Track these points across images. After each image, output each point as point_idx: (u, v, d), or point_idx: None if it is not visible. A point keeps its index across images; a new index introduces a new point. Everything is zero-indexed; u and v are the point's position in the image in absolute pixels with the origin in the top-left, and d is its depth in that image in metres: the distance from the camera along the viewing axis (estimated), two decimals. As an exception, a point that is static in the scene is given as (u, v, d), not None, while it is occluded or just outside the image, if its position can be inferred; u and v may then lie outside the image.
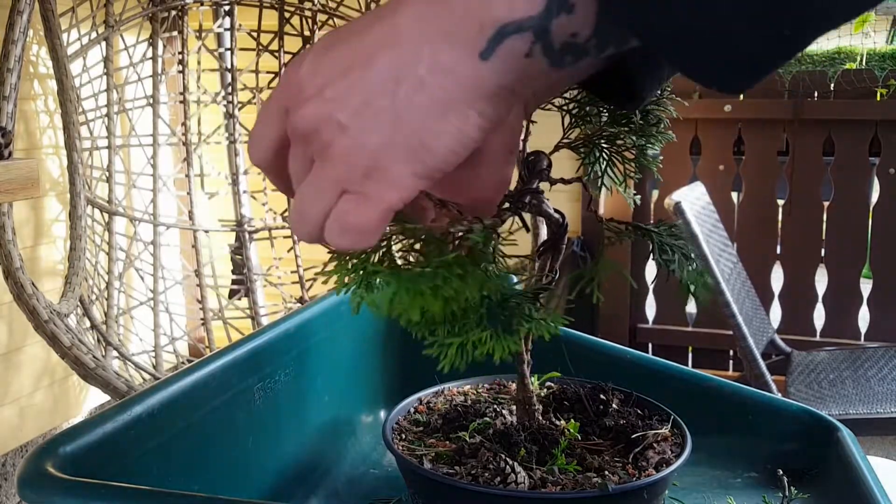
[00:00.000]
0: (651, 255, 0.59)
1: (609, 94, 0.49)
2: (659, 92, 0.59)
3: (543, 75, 0.37)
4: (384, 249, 0.47)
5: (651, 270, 3.24)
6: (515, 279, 0.56)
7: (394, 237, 0.46)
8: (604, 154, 0.61)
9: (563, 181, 0.58)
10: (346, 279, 0.46)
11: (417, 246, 0.46)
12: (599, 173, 0.61)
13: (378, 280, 0.46)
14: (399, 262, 0.47)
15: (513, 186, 0.55)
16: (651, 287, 3.14)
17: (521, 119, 0.49)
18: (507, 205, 0.53)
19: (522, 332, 0.50)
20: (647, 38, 0.33)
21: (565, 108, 0.61)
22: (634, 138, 0.61)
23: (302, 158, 0.40)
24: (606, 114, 0.60)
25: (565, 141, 0.61)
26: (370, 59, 0.37)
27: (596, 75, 0.42)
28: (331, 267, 0.47)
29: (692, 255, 0.59)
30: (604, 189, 0.62)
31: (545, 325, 0.50)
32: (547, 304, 0.54)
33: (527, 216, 0.56)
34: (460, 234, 0.46)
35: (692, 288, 0.57)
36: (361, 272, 0.46)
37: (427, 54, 0.35)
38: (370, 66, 0.37)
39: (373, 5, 2.57)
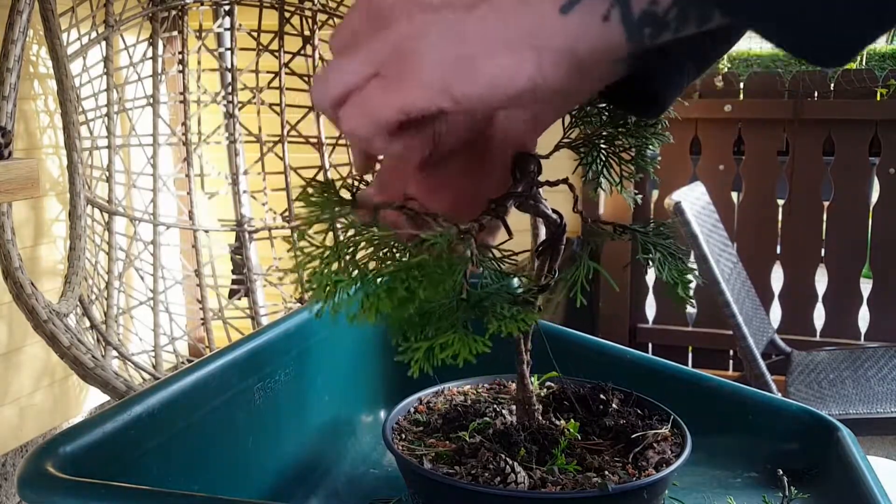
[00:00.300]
0: (635, 254, 0.59)
1: (631, 102, 0.48)
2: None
3: (613, 52, 0.35)
4: (348, 257, 0.46)
5: (651, 270, 3.24)
6: (513, 280, 0.56)
7: (359, 244, 0.46)
8: (601, 154, 0.61)
9: (549, 184, 0.57)
10: (313, 287, 0.46)
11: (381, 253, 0.46)
12: (597, 174, 0.61)
13: (341, 287, 0.45)
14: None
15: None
16: (651, 287, 3.14)
17: (518, 121, 0.49)
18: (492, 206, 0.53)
19: (492, 330, 0.50)
20: (731, 8, 0.31)
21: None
22: (632, 139, 0.61)
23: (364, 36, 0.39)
24: (606, 114, 0.60)
25: (566, 140, 0.61)
26: None
27: (617, 84, 0.42)
28: (289, 267, 0.47)
29: (677, 255, 0.59)
30: (604, 189, 0.63)
31: (516, 323, 0.50)
32: (544, 307, 0.54)
33: (526, 217, 0.56)
34: (431, 239, 0.46)
35: (677, 287, 0.57)
36: (322, 278, 0.45)
37: None
38: None
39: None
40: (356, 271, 0.45)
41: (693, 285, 0.59)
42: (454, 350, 0.48)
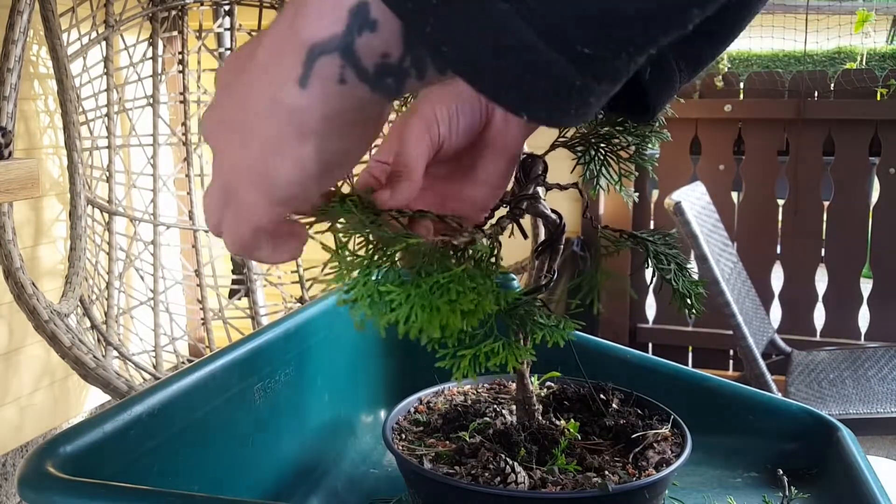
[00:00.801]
0: (647, 264, 0.59)
1: (621, 106, 0.48)
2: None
3: (376, 102, 0.35)
4: (388, 265, 0.46)
5: (648, 271, 3.23)
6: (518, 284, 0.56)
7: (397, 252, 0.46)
8: (600, 153, 0.61)
9: (559, 186, 0.58)
10: (352, 294, 0.46)
11: (421, 261, 0.46)
12: (595, 173, 0.61)
13: (385, 297, 0.45)
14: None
15: (508, 188, 0.55)
16: (651, 287, 3.13)
17: (515, 129, 0.49)
18: (504, 211, 0.53)
19: (536, 339, 0.50)
20: (450, 64, 0.31)
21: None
22: (630, 138, 0.61)
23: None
24: (602, 113, 0.60)
25: (561, 140, 0.61)
26: (229, 86, 0.38)
27: None
28: (331, 277, 0.46)
29: (687, 266, 0.59)
30: (602, 188, 0.62)
31: (558, 332, 0.50)
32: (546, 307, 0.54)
33: (525, 217, 0.56)
34: (463, 245, 0.46)
35: (688, 300, 0.57)
36: (365, 288, 0.45)
37: (264, 85, 0.35)
38: (232, 91, 0.38)
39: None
40: (400, 281, 0.45)
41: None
42: (501, 358, 0.48)
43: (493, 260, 0.46)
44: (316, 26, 0.33)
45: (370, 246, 0.46)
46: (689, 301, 0.58)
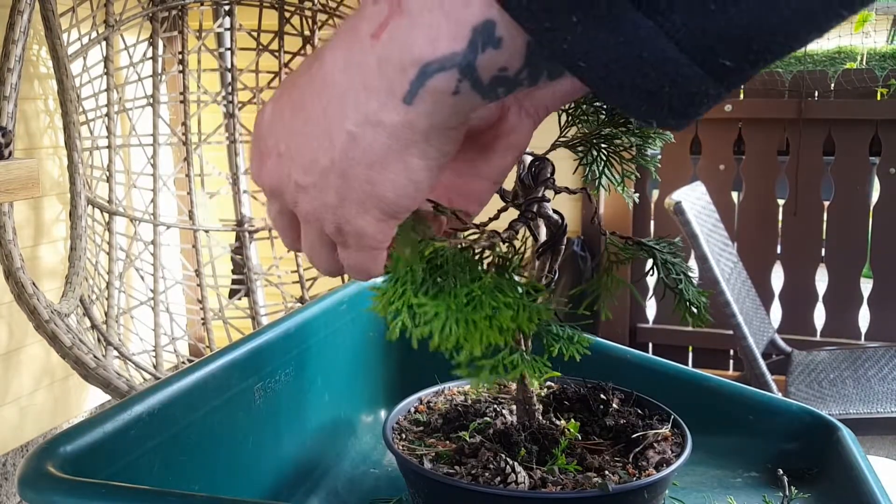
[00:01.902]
0: (652, 272, 0.59)
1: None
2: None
3: (482, 106, 0.36)
4: (423, 277, 0.45)
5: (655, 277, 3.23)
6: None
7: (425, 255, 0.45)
8: (602, 154, 0.61)
9: (567, 190, 0.58)
10: (394, 306, 0.45)
11: (447, 265, 0.45)
12: (597, 174, 0.61)
13: (419, 309, 0.44)
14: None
15: (509, 186, 0.55)
16: (651, 287, 3.14)
17: (527, 126, 0.49)
18: (515, 214, 0.53)
19: (553, 352, 0.50)
20: (582, 75, 0.31)
21: (562, 106, 0.61)
22: (632, 138, 0.60)
23: (278, 209, 0.42)
24: (604, 113, 0.60)
25: (562, 140, 0.61)
26: (307, 116, 0.37)
27: None
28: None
29: (690, 274, 0.59)
30: (603, 188, 0.62)
31: (573, 345, 0.50)
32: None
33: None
34: (482, 249, 0.46)
35: (696, 310, 0.57)
36: (401, 301, 0.44)
37: (352, 107, 0.35)
38: (307, 122, 0.37)
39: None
40: (434, 293, 0.44)
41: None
42: (520, 371, 0.47)
43: (517, 269, 0.46)
44: (430, 44, 0.32)
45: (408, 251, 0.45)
46: (695, 310, 0.58)
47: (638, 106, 0.31)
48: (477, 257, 0.46)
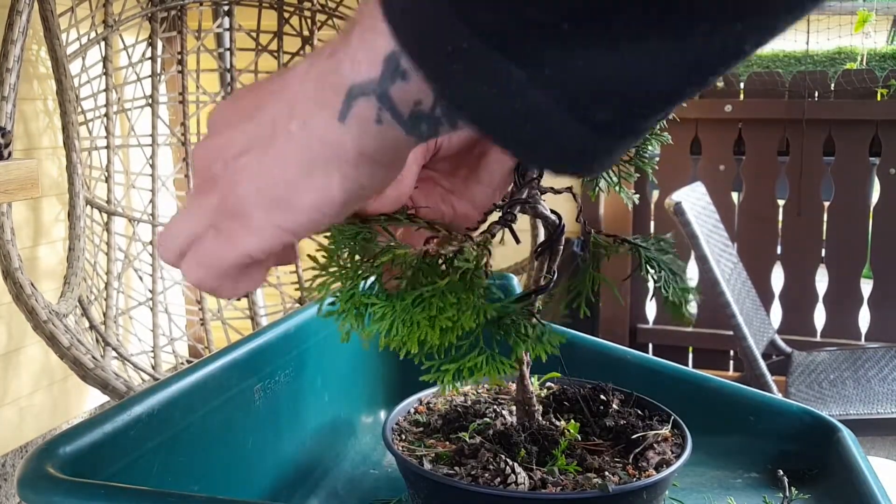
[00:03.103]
0: (640, 269, 0.59)
1: None
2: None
3: (411, 143, 0.36)
4: (375, 277, 0.46)
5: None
6: (511, 294, 0.56)
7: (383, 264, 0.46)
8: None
9: (553, 191, 0.57)
10: (338, 306, 0.45)
11: (409, 273, 0.45)
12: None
13: (369, 309, 0.45)
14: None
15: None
16: (651, 287, 3.13)
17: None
18: (496, 216, 0.53)
19: (519, 353, 0.50)
20: (472, 124, 0.31)
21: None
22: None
23: (194, 191, 0.42)
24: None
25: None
26: (258, 110, 0.38)
27: None
28: (316, 285, 0.46)
29: (680, 272, 0.59)
30: (602, 190, 0.62)
31: (542, 345, 0.49)
32: (544, 314, 0.53)
33: (526, 217, 0.56)
34: (451, 255, 0.46)
35: (680, 306, 0.57)
36: (350, 300, 0.45)
37: (299, 112, 0.36)
38: (256, 115, 0.38)
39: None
40: (384, 294, 0.45)
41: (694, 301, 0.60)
42: (483, 373, 0.47)
43: (478, 272, 0.46)
44: (355, 68, 0.34)
45: (356, 257, 0.46)
46: (681, 309, 0.58)
47: (527, 155, 0.32)
48: (442, 263, 0.46)
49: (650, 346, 3.12)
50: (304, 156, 0.36)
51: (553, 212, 0.57)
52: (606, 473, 0.57)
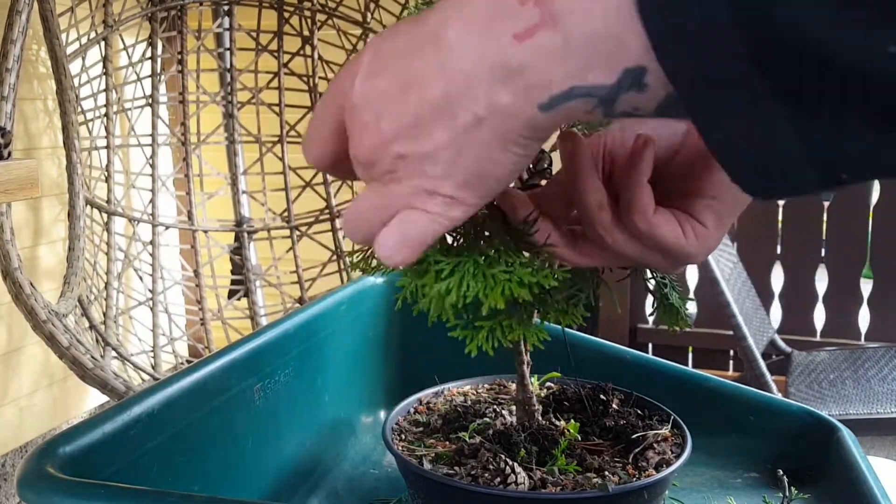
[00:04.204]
0: (635, 272, 0.59)
1: None
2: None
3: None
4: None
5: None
6: None
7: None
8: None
9: None
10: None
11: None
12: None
13: (434, 266, 0.44)
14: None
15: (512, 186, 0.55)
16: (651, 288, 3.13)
17: None
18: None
19: (550, 320, 0.50)
20: (717, 158, 0.33)
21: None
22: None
23: (365, 176, 0.41)
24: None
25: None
26: (424, 88, 0.36)
27: None
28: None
29: (675, 282, 0.59)
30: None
31: (567, 315, 0.50)
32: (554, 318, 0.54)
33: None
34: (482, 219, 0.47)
35: (678, 315, 0.57)
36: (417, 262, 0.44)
37: (483, 94, 0.35)
38: (424, 95, 0.36)
39: (372, 6, 2.57)
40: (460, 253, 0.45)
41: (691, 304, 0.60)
42: (518, 334, 0.47)
43: (528, 230, 0.47)
44: (583, 70, 0.33)
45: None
46: (676, 318, 0.58)
47: (752, 185, 0.33)
48: (487, 232, 0.47)
49: (650, 345, 3.12)
50: (497, 137, 0.36)
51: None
52: (606, 473, 0.57)
